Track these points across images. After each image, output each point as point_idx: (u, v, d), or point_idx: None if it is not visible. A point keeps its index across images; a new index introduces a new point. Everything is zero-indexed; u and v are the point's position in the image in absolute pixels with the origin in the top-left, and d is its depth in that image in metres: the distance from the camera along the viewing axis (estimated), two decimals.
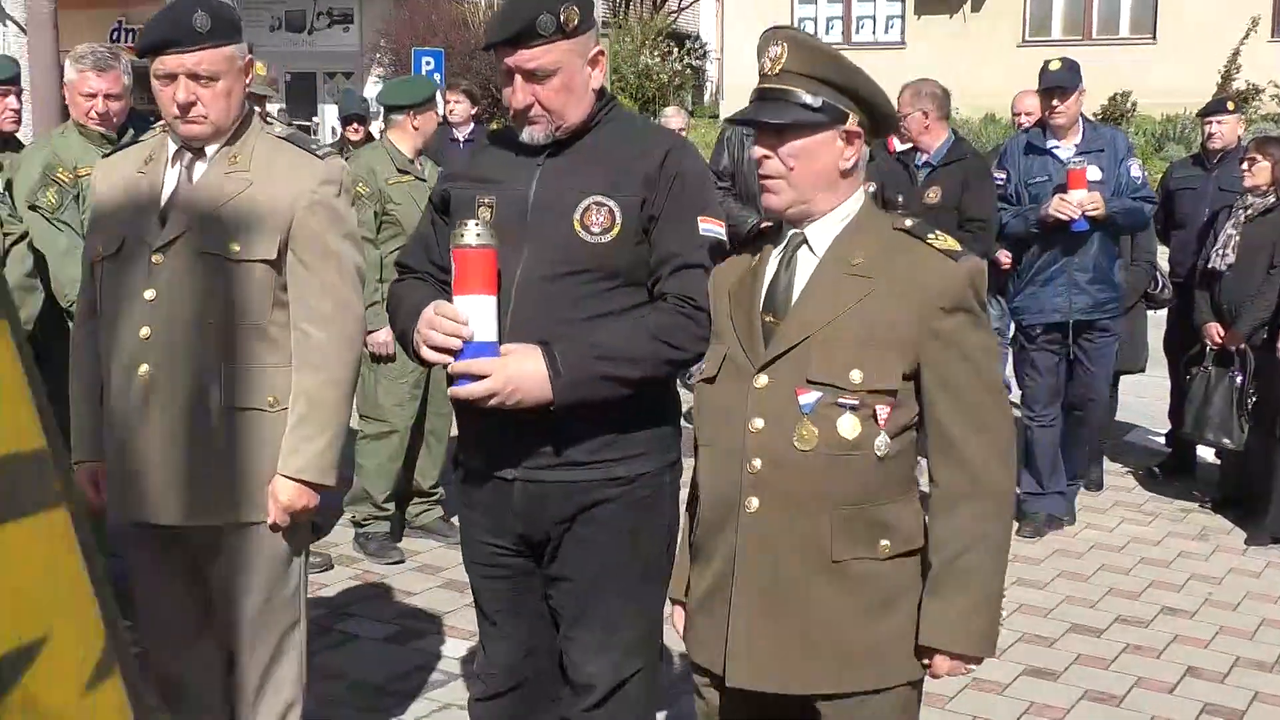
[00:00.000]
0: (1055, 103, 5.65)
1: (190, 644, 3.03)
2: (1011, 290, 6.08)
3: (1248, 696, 4.30)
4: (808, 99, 2.27)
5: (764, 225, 2.67)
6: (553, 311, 2.57)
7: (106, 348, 2.89)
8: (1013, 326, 7.93)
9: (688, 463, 2.63)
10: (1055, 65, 5.70)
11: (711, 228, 2.64)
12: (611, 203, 2.58)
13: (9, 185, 4.33)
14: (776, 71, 2.29)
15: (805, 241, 2.35)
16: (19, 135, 5.11)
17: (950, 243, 2.32)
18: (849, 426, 2.24)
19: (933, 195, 5.84)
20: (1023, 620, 4.88)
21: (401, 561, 5.32)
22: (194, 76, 2.77)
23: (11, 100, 4.62)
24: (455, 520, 4.07)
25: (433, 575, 5.21)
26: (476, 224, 2.49)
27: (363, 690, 4.16)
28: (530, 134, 2.62)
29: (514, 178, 2.65)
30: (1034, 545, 5.72)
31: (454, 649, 4.46)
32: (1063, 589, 5.24)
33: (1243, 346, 5.80)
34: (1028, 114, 7.59)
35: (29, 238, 4.15)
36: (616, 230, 2.58)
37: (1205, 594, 5.22)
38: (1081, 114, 5.80)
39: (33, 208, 4.23)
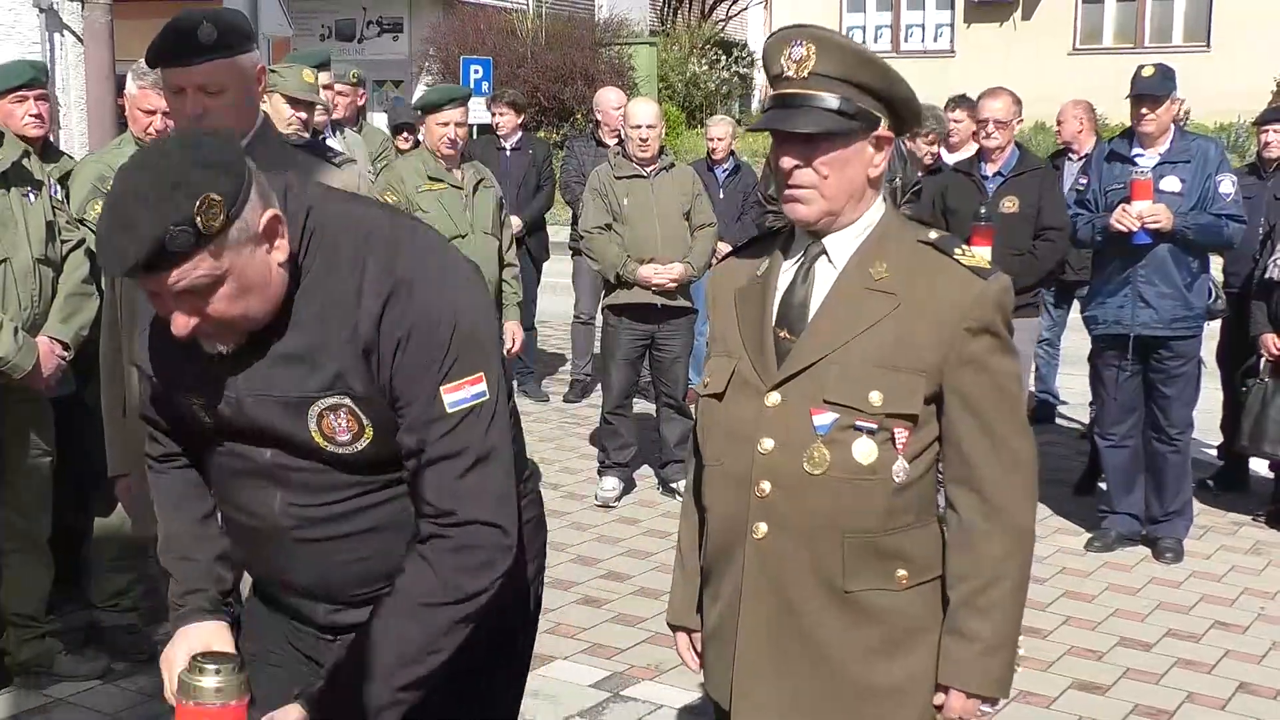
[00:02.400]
0: (1144, 111, 5.49)
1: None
2: (1086, 299, 6.02)
3: None
4: (839, 104, 2.09)
5: (773, 228, 2.52)
6: (329, 528, 2.06)
7: (130, 361, 2.88)
8: (1063, 337, 7.98)
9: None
10: (1147, 72, 5.55)
11: (460, 396, 1.97)
12: (347, 401, 1.97)
13: (66, 193, 4.39)
14: (804, 75, 2.10)
15: (824, 253, 2.21)
16: (67, 149, 5.04)
17: (979, 260, 2.19)
18: (865, 451, 2.12)
19: (1010, 205, 5.89)
20: (1071, 633, 4.84)
21: None
22: (202, 89, 2.75)
23: (30, 105, 4.47)
24: None
25: None
26: (216, 672, 1.85)
27: None
28: (212, 349, 1.97)
29: (210, 385, 2.03)
30: (1082, 559, 5.67)
31: None
32: (1112, 602, 5.19)
33: None
34: (1059, 124, 7.60)
35: (86, 243, 4.20)
36: (369, 434, 1.99)
37: (1258, 609, 5.15)
38: (1175, 123, 5.62)
39: (81, 221, 4.28)
